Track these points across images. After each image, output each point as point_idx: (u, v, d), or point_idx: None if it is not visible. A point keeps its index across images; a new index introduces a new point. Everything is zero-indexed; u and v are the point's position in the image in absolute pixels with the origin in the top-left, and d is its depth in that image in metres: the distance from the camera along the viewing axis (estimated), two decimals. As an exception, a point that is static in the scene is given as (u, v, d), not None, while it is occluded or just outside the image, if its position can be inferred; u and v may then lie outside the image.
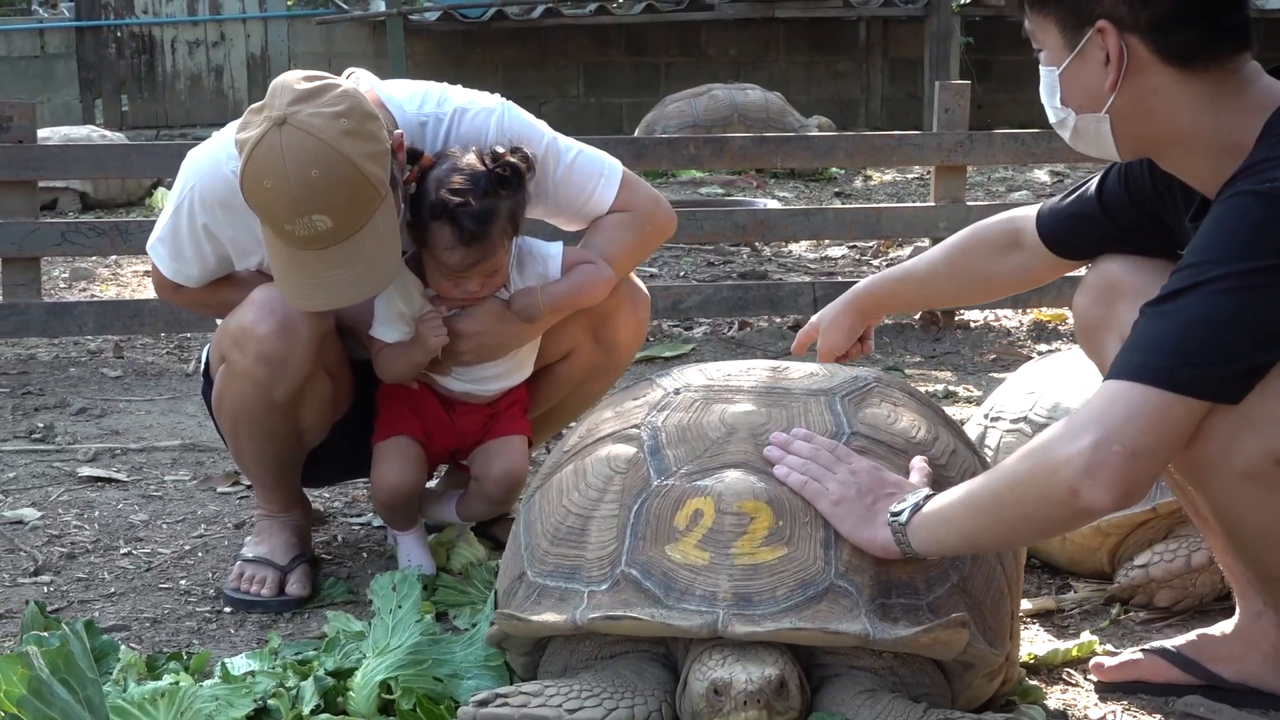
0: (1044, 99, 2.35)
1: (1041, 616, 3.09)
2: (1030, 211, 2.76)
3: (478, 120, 3.12)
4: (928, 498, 2.33)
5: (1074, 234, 2.65)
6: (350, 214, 2.80)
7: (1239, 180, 2.15)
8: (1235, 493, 2.20)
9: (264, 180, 2.77)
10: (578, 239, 3.29)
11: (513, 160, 3.00)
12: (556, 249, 3.16)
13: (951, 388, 5.06)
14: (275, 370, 3.04)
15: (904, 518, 2.31)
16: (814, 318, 3.03)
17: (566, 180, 3.16)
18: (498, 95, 3.20)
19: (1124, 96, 2.24)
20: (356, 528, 3.68)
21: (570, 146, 3.20)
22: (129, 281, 7.07)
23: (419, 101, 3.12)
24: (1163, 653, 2.73)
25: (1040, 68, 2.33)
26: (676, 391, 2.59)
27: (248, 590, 3.19)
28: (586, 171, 3.19)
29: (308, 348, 3.06)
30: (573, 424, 3.95)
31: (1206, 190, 2.30)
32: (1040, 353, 5.54)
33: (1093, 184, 2.62)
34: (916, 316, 5.98)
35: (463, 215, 2.93)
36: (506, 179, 2.98)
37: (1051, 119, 2.36)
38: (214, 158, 3.06)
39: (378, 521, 3.68)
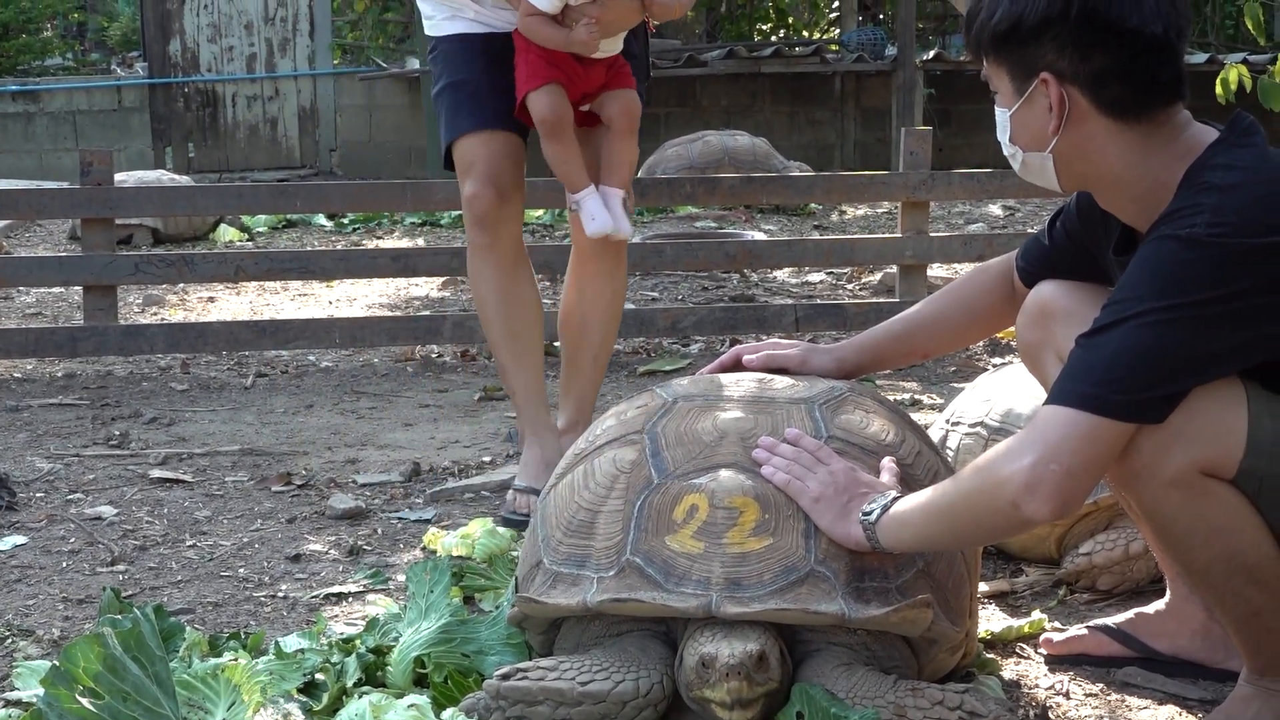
0: (999, 135, 2.34)
1: (997, 597, 3.08)
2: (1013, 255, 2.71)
3: None
4: (895, 499, 2.32)
5: (1040, 270, 2.60)
6: None
7: (1162, 225, 2.13)
8: (1163, 499, 2.17)
9: None
10: None
11: None
12: None
13: (917, 396, 5.04)
14: (489, 229, 3.52)
15: (874, 517, 2.29)
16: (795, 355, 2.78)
17: None
18: None
19: (1065, 140, 2.23)
20: (395, 522, 3.67)
21: None
22: (194, 306, 7.06)
23: None
24: (1104, 629, 2.72)
25: (995, 108, 2.33)
26: (675, 401, 2.58)
27: (525, 511, 3.42)
28: None
29: (516, 205, 3.54)
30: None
31: (1135, 225, 2.28)
32: (995, 365, 5.52)
33: (1045, 225, 2.60)
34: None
35: None
36: None
37: (1005, 152, 2.35)
38: None
39: (413, 516, 3.67)
